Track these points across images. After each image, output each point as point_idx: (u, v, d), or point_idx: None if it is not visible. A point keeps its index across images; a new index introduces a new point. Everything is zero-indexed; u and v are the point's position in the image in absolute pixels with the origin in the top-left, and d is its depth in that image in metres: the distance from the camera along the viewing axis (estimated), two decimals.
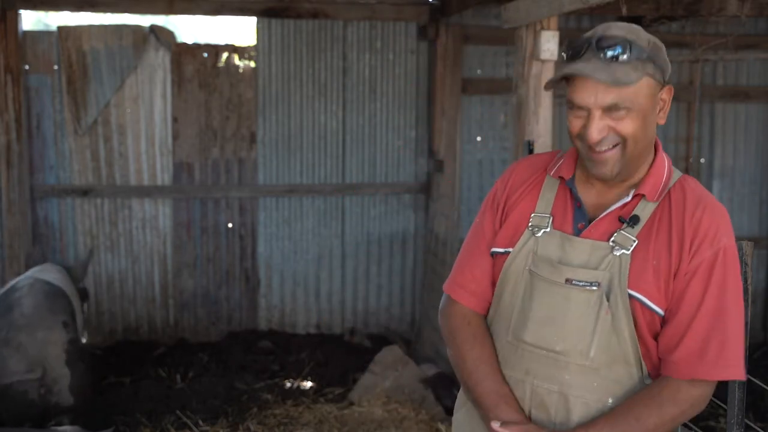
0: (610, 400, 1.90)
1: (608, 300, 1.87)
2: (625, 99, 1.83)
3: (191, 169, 6.61)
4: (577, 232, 1.94)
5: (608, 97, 1.82)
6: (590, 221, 1.94)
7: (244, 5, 6.42)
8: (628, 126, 1.85)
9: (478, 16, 6.70)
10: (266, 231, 6.74)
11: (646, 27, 6.07)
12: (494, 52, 6.75)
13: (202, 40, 6.65)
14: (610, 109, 1.84)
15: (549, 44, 4.17)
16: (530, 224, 1.99)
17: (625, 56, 1.81)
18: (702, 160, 7.10)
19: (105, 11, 6.27)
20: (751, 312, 2.15)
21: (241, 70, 6.59)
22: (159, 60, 6.46)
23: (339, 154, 6.76)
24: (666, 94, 1.92)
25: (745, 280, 1.98)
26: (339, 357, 6.06)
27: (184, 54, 6.51)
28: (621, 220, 1.90)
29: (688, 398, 1.85)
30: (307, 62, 6.63)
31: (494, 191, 2.11)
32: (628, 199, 1.93)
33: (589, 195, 1.98)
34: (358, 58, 6.69)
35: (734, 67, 6.98)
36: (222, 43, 6.61)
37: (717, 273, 1.84)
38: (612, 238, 1.89)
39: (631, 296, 1.85)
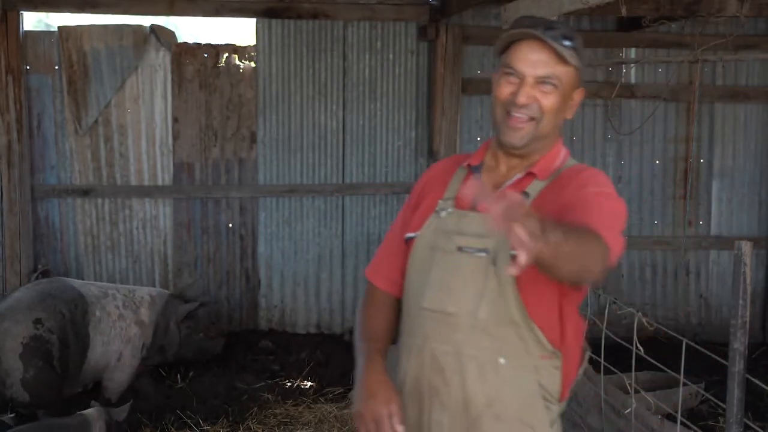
0: (502, 360, 2.05)
1: (494, 265, 2.02)
2: (556, 76, 2.04)
3: (191, 169, 6.62)
4: (475, 209, 2.07)
5: (545, 69, 2.03)
6: None
7: (244, 6, 6.43)
8: (550, 101, 2.05)
9: (478, 17, 6.71)
10: (266, 231, 6.75)
11: (646, 27, 6.08)
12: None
13: (202, 40, 6.66)
14: (541, 81, 2.04)
15: None
16: (436, 208, 2.17)
17: (568, 42, 2.03)
18: (701, 160, 7.11)
19: (105, 12, 6.28)
20: (750, 312, 2.16)
21: (241, 70, 6.60)
22: (159, 60, 6.47)
23: (339, 154, 6.77)
24: (578, 96, 2.13)
25: (744, 280, 1.99)
26: (339, 357, 6.07)
27: (184, 54, 6.52)
28: None
29: (598, 242, 1.82)
30: (307, 62, 6.63)
31: (413, 188, 2.34)
32: (521, 176, 2.11)
33: (491, 178, 2.16)
34: (358, 58, 6.70)
35: (734, 67, 6.98)
36: (222, 43, 6.62)
37: (600, 196, 1.97)
38: None
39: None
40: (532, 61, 2.04)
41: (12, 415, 4.32)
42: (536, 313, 2.04)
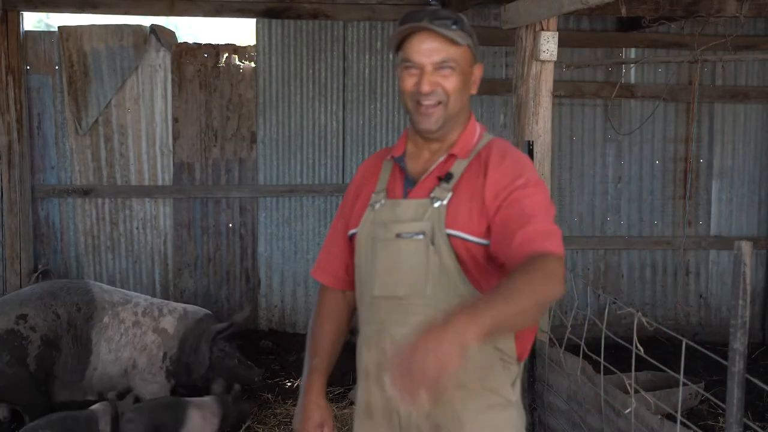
0: None
1: (433, 244, 2.15)
2: (452, 58, 2.17)
3: (192, 169, 6.63)
4: (406, 197, 2.25)
5: (440, 55, 2.16)
6: (415, 185, 2.25)
7: (244, 6, 6.44)
8: (452, 82, 2.18)
9: (478, 17, 6.71)
10: (266, 231, 6.75)
11: (646, 27, 6.09)
12: (494, 52, 6.76)
13: (202, 41, 6.66)
14: (440, 67, 2.17)
15: (548, 45, 4.19)
16: (370, 202, 2.29)
17: (455, 26, 2.16)
18: (701, 160, 7.12)
19: (106, 12, 6.29)
20: (750, 312, 2.16)
21: (241, 71, 6.61)
22: (159, 60, 6.48)
23: (339, 154, 6.78)
24: (477, 71, 2.28)
25: (744, 280, 1.99)
26: (339, 357, 6.07)
27: (184, 54, 6.52)
28: (438, 179, 2.21)
29: (545, 265, 1.92)
30: (307, 62, 6.64)
31: (346, 191, 2.45)
32: (443, 158, 2.24)
33: (416, 164, 2.29)
34: (358, 58, 6.71)
35: (733, 67, 6.99)
36: (222, 43, 6.63)
37: (524, 191, 2.09)
38: (431, 194, 2.19)
39: (450, 235, 2.14)
40: (427, 50, 2.16)
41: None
42: (483, 285, 2.15)
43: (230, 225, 6.72)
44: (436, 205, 2.17)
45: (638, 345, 3.03)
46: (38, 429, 4.20)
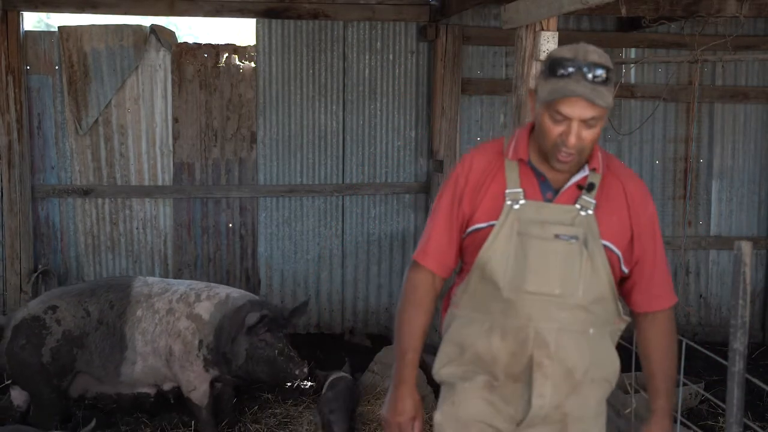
0: (591, 330, 2.39)
1: (587, 249, 2.34)
2: (599, 115, 2.27)
3: (192, 169, 6.63)
4: (548, 201, 2.38)
5: (590, 112, 2.25)
6: (555, 191, 2.39)
7: (244, 6, 6.44)
8: (593, 134, 2.30)
9: (478, 17, 6.71)
10: (266, 231, 6.75)
11: (646, 27, 6.09)
12: (494, 52, 6.76)
13: (202, 41, 6.66)
14: (587, 122, 2.27)
15: (548, 45, 4.18)
16: (507, 200, 2.38)
17: (607, 81, 2.26)
18: (701, 160, 7.12)
19: (106, 12, 6.29)
20: (750, 312, 2.16)
21: (241, 71, 6.61)
22: (160, 60, 6.48)
23: (339, 154, 6.78)
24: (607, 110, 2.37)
25: (744, 280, 1.99)
26: (339, 357, 6.08)
27: (184, 54, 6.52)
28: (580, 188, 2.38)
29: (674, 318, 2.52)
30: (307, 62, 6.64)
31: (455, 179, 2.48)
32: (586, 173, 2.40)
33: (548, 171, 2.40)
34: (358, 58, 6.71)
35: (733, 67, 6.99)
36: (222, 43, 6.63)
37: (656, 227, 2.46)
38: (577, 203, 2.36)
39: (605, 246, 2.36)
40: (580, 107, 2.25)
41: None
42: (617, 288, 2.43)
43: (230, 225, 6.72)
44: (584, 213, 2.35)
45: None
46: None
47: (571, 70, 2.24)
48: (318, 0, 6.49)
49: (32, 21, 9.70)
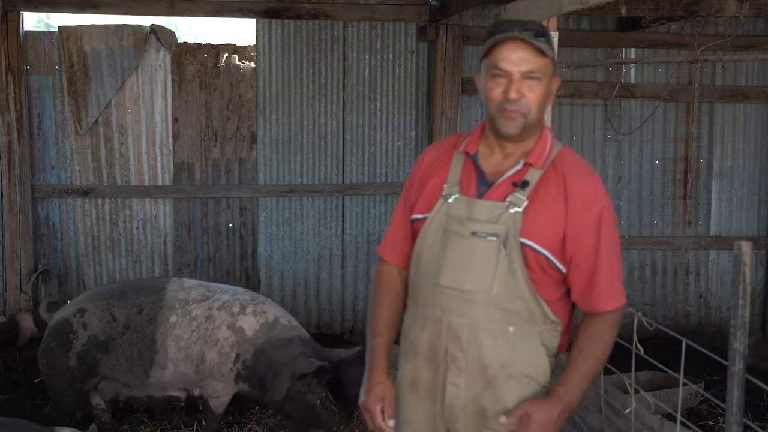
0: (511, 328, 2.37)
1: (505, 248, 2.32)
2: (538, 69, 2.29)
3: (192, 169, 6.63)
4: (480, 196, 2.39)
5: (528, 65, 2.28)
6: (490, 186, 2.39)
7: (244, 6, 6.44)
8: (536, 93, 2.31)
9: (478, 17, 6.72)
10: (266, 231, 6.75)
11: (646, 27, 6.09)
12: None
13: (202, 41, 6.67)
14: (527, 77, 2.29)
15: None
16: (443, 193, 2.42)
17: (542, 38, 2.30)
18: (701, 160, 7.12)
19: (106, 12, 6.29)
20: (750, 312, 2.16)
21: (241, 71, 6.61)
22: (160, 60, 6.48)
23: (339, 154, 6.78)
24: (555, 84, 2.40)
25: (744, 280, 1.99)
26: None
27: (184, 54, 6.52)
28: (514, 185, 2.36)
29: (614, 322, 2.39)
30: (307, 62, 6.64)
31: (412, 171, 2.57)
32: (519, 167, 2.38)
33: (489, 165, 2.42)
34: (358, 58, 6.71)
35: (733, 67, 6.99)
36: (222, 43, 6.63)
37: (603, 228, 2.34)
38: (507, 199, 2.34)
39: (523, 244, 2.32)
40: (516, 59, 2.28)
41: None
42: (543, 291, 2.37)
43: (230, 225, 6.72)
44: (512, 211, 2.33)
45: (638, 345, 3.03)
46: None
47: (505, 27, 2.32)
48: (318, 0, 6.49)
49: (32, 21, 9.70)
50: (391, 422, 2.48)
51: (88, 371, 4.70)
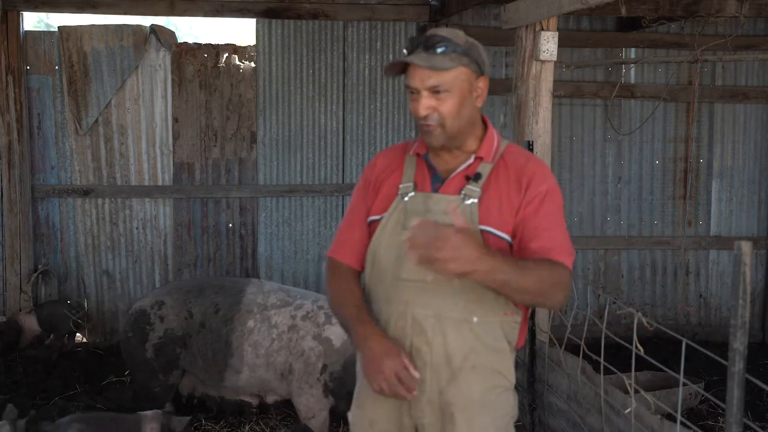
0: (475, 318, 2.39)
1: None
2: (444, 83, 2.34)
3: (192, 169, 6.63)
4: (435, 192, 2.45)
5: (430, 80, 2.33)
6: (444, 182, 2.45)
7: (244, 6, 6.44)
8: (447, 106, 2.35)
9: (478, 17, 6.71)
10: (266, 231, 6.76)
11: (646, 27, 6.09)
12: (494, 52, 6.76)
13: (202, 41, 6.66)
14: (433, 91, 2.34)
15: (548, 45, 4.19)
16: (399, 192, 2.48)
17: (440, 49, 2.32)
18: (701, 160, 7.12)
19: (106, 12, 6.29)
20: (750, 312, 2.16)
21: (241, 71, 6.61)
22: (159, 60, 6.48)
23: (339, 154, 6.78)
24: (482, 83, 2.43)
25: (744, 280, 1.99)
26: None
27: (184, 54, 6.52)
28: (467, 178, 2.43)
29: (559, 270, 2.31)
30: (307, 62, 6.64)
31: (365, 177, 2.61)
32: (470, 161, 2.45)
33: (440, 163, 2.49)
34: (358, 58, 6.71)
35: (733, 67, 6.99)
36: (222, 43, 6.63)
37: (546, 201, 2.39)
38: (462, 192, 2.41)
39: (482, 230, 2.37)
40: (420, 77, 2.34)
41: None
42: None
43: (230, 225, 6.72)
44: (468, 202, 2.39)
45: (638, 345, 3.03)
46: (73, 422, 3.94)
47: (411, 47, 2.37)
48: (318, 0, 6.49)
49: (32, 21, 9.70)
50: (417, 374, 2.34)
51: (168, 364, 4.66)
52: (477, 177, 2.42)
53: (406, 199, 2.46)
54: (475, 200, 2.39)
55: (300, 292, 4.79)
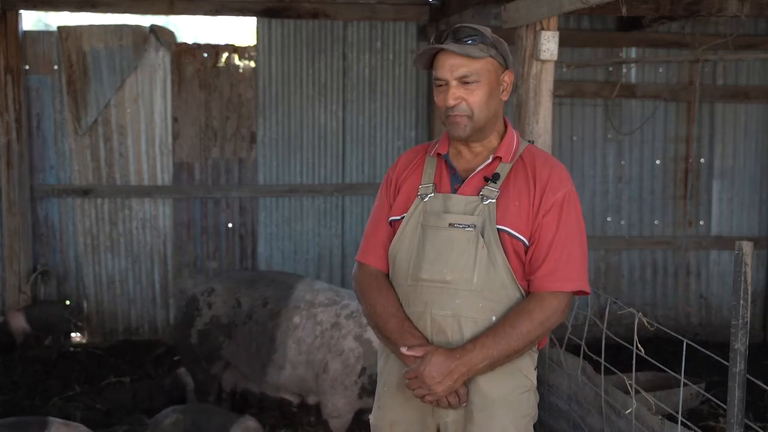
0: (494, 317, 2.41)
1: (483, 237, 2.39)
2: (473, 72, 2.38)
3: (191, 169, 6.63)
4: (454, 192, 2.48)
5: (461, 70, 2.38)
6: (463, 182, 2.49)
7: (244, 5, 6.43)
8: (476, 96, 2.39)
9: (478, 16, 6.69)
10: (266, 231, 6.75)
11: (646, 27, 6.08)
12: None
13: (202, 40, 6.66)
14: (463, 81, 2.38)
15: (549, 44, 4.18)
16: (419, 193, 2.51)
17: (470, 40, 2.38)
18: (702, 160, 7.11)
19: (105, 11, 6.28)
20: (751, 312, 2.15)
21: (241, 70, 6.60)
22: (159, 60, 6.47)
23: (339, 154, 6.77)
24: (507, 77, 2.47)
25: (744, 281, 1.98)
26: None
27: (184, 54, 6.52)
28: (486, 179, 2.46)
29: (550, 306, 2.38)
30: (307, 62, 6.63)
31: (387, 177, 2.63)
32: (489, 161, 2.48)
33: (460, 163, 2.52)
34: (358, 58, 6.70)
35: (734, 67, 6.98)
36: (222, 43, 6.62)
37: (564, 211, 2.41)
38: (480, 192, 2.44)
39: (500, 230, 2.40)
40: (449, 66, 2.39)
41: None
42: (521, 280, 2.44)
43: (230, 225, 6.71)
44: (486, 202, 2.42)
45: (639, 345, 3.02)
46: (171, 412, 4.15)
47: (438, 37, 2.44)
48: (318, 0, 6.48)
49: (31, 20, 9.69)
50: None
51: (210, 353, 4.61)
52: (495, 177, 2.45)
53: (425, 200, 2.49)
54: (493, 200, 2.42)
55: (348, 293, 4.69)
